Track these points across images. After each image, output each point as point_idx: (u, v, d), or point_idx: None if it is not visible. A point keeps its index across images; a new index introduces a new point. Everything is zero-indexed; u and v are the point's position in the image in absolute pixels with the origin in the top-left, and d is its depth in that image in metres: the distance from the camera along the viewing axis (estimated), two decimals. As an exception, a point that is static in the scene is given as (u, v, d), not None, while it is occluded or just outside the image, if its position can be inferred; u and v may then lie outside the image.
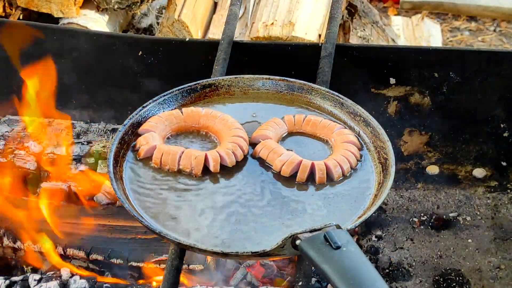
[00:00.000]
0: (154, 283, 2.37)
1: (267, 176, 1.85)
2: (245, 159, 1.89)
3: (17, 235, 2.42)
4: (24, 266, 2.48)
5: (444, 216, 2.72)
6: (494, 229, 2.68)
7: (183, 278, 2.37)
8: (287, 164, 1.84)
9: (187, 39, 2.76)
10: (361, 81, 2.68)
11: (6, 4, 3.28)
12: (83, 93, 2.83)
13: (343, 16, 3.48)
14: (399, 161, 2.69)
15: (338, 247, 1.47)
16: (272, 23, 3.18)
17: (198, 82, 2.08)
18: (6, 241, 2.43)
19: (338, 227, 1.54)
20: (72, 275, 2.34)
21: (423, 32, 4.01)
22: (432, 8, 4.46)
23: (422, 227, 2.70)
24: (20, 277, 2.34)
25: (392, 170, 1.82)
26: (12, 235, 2.43)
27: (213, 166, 1.84)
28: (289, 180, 1.84)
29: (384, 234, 2.67)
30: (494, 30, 4.42)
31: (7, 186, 2.61)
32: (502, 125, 2.72)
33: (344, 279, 1.41)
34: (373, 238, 2.66)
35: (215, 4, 3.56)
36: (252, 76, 2.10)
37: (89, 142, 2.62)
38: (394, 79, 2.67)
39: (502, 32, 4.41)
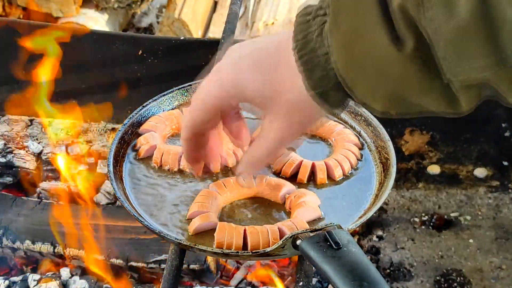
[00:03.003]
0: (154, 284, 2.37)
1: (267, 176, 1.85)
2: (245, 158, 1.88)
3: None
4: (24, 266, 2.47)
5: (445, 216, 2.71)
6: (496, 229, 2.67)
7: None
8: (287, 165, 1.83)
9: (182, 38, 2.75)
10: (362, 81, 2.67)
11: (6, 3, 3.28)
12: (82, 93, 2.82)
13: (343, 15, 3.47)
14: (400, 160, 2.68)
15: (339, 247, 1.46)
16: (273, 23, 3.18)
17: (199, 81, 2.06)
18: (5, 241, 2.43)
19: (339, 227, 1.53)
20: (72, 275, 2.33)
21: (424, 32, 4.00)
22: (433, 7, 4.46)
23: (423, 227, 2.69)
24: (20, 277, 2.33)
25: (393, 170, 1.81)
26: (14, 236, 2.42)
27: (214, 166, 1.84)
28: (290, 180, 1.83)
29: (385, 234, 2.66)
30: (495, 30, 4.41)
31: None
32: (503, 125, 2.71)
33: (345, 280, 1.40)
34: (374, 238, 2.65)
35: (215, 3, 3.56)
36: (252, 75, 2.09)
37: (88, 142, 2.62)
38: (395, 79, 2.66)
39: (503, 32, 4.40)
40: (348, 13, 1.10)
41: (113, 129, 2.70)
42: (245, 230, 1.62)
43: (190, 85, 2.05)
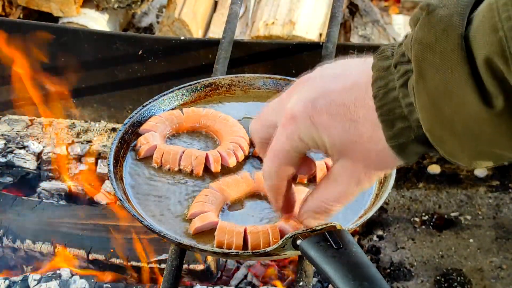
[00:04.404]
0: (154, 283, 2.36)
1: (267, 176, 1.84)
2: (245, 159, 1.88)
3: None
4: (24, 266, 2.47)
5: (446, 216, 2.71)
6: (496, 229, 2.67)
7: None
8: (288, 164, 1.83)
9: (182, 38, 2.75)
10: (362, 80, 2.67)
11: (6, 3, 3.28)
12: (83, 92, 2.82)
13: (344, 15, 3.48)
14: (400, 160, 2.68)
15: (339, 247, 1.46)
16: (273, 22, 3.17)
17: (199, 81, 2.07)
18: (6, 241, 2.43)
19: (339, 227, 1.53)
20: (72, 275, 2.33)
21: (424, 31, 4.00)
22: (433, 7, 4.45)
23: (423, 226, 2.69)
24: (20, 277, 2.33)
25: (393, 169, 1.81)
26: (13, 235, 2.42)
27: (214, 166, 1.84)
28: (290, 179, 1.82)
29: (385, 234, 2.66)
30: (495, 29, 4.41)
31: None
32: (503, 125, 2.71)
33: (345, 279, 1.40)
34: (374, 238, 2.65)
35: (216, 3, 3.55)
36: (252, 75, 2.09)
37: (89, 141, 2.62)
38: (395, 78, 2.66)
39: (503, 31, 4.40)
40: (436, 70, 1.03)
41: (113, 129, 2.70)
42: (245, 230, 1.62)
43: (190, 85, 2.05)
